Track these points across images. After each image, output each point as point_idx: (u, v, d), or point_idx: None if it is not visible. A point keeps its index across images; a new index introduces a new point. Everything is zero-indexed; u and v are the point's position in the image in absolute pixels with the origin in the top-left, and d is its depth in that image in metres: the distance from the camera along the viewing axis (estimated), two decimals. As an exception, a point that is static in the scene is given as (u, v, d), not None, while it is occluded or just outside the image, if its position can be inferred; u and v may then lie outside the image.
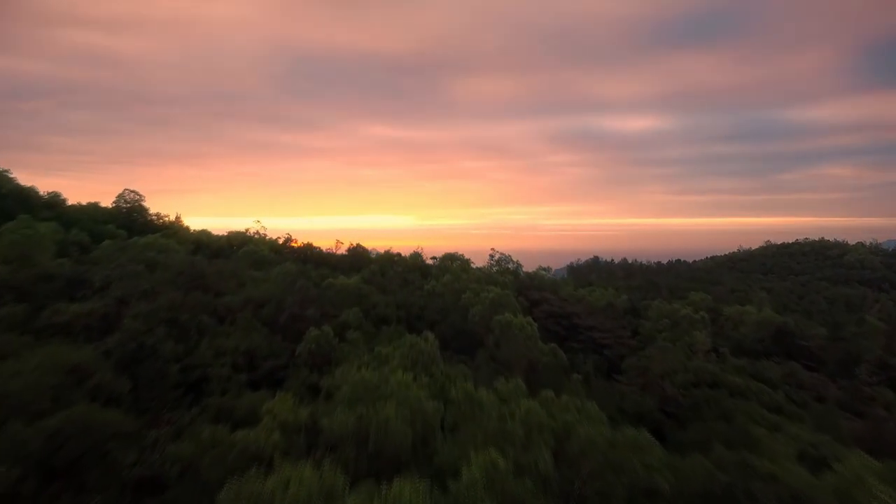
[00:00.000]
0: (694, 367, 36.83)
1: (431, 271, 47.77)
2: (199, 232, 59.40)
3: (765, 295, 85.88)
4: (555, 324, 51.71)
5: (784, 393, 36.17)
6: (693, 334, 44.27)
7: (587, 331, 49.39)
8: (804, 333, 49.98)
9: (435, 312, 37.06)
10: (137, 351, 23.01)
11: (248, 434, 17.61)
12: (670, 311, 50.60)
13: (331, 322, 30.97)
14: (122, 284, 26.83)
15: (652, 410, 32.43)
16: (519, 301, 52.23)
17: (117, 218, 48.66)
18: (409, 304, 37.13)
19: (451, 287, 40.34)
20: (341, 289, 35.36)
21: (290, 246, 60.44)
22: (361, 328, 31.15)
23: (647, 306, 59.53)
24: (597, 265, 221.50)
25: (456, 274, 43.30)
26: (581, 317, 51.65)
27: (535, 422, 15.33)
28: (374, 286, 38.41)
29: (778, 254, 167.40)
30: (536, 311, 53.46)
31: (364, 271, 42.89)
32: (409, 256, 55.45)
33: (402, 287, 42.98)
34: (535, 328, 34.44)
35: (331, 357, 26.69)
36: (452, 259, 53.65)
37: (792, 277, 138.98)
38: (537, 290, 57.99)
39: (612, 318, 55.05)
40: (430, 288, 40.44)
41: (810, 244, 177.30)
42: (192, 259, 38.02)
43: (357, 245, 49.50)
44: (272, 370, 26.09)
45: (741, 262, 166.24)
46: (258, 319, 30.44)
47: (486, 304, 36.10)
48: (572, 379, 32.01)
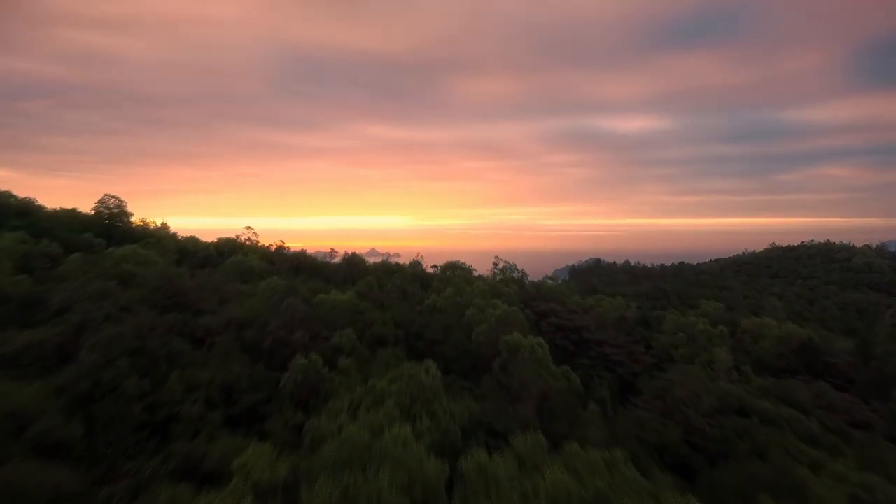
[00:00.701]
0: (718, 389, 33.82)
1: (432, 282, 44.73)
2: (186, 239, 56.33)
3: (777, 302, 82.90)
4: (563, 338, 48.68)
5: (818, 419, 33.20)
6: (713, 351, 41.27)
7: (598, 346, 46.36)
8: (829, 348, 46.96)
9: (436, 331, 34.00)
10: (94, 388, 19.95)
11: (214, 500, 14.62)
12: (686, 325, 47.59)
13: (321, 345, 27.90)
14: (84, 306, 23.75)
15: (676, 442, 29.37)
16: (525, 313, 49.28)
17: (97, 225, 45.52)
18: (408, 322, 34.08)
19: (453, 302, 37.31)
20: (334, 306, 32.29)
21: (282, 253, 57.41)
22: (355, 352, 28.08)
23: (661, 318, 56.57)
24: (599, 268, 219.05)
25: (458, 287, 40.26)
26: (591, 330, 48.60)
27: (562, 497, 12.33)
28: (369, 302, 35.34)
29: (784, 257, 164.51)
30: (544, 324, 50.45)
31: (360, 284, 39.81)
32: (409, 265, 52.42)
33: (400, 301, 39.93)
34: (546, 350, 31.41)
35: (319, 389, 23.61)
36: (454, 268, 50.61)
37: (800, 282, 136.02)
38: (544, 300, 54.98)
39: (624, 331, 52.06)
40: (431, 303, 37.41)
41: (816, 247, 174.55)
42: (171, 273, 34.92)
43: (352, 254, 46.35)
44: (252, 405, 23.00)
45: (746, 265, 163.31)
46: (240, 343, 27.36)
47: (491, 322, 33.06)
48: (589, 409, 28.97)
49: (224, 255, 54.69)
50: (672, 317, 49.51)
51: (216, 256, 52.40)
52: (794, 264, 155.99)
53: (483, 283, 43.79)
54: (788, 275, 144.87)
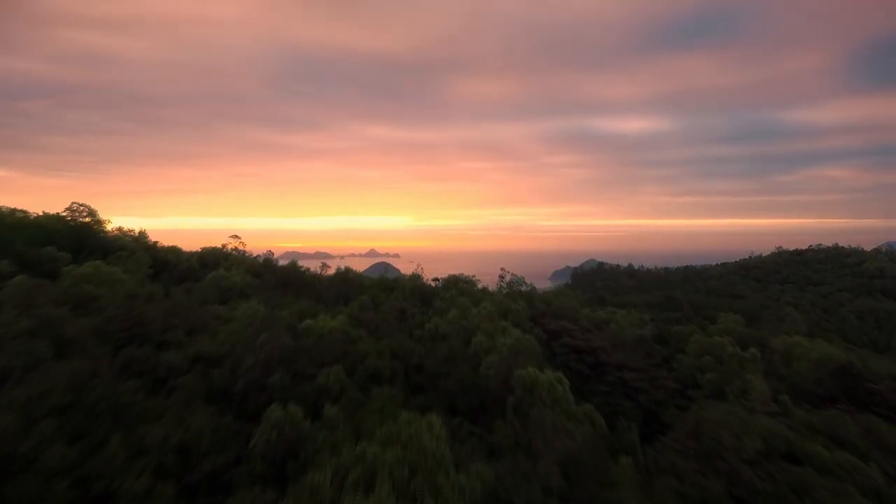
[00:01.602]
0: (761, 428, 29.71)
1: (434, 300, 40.50)
2: (167, 249, 52.04)
3: (796, 314, 78.83)
4: (578, 360, 44.44)
5: (877, 465, 29.12)
6: (746, 378, 37.13)
7: (616, 370, 42.10)
8: (870, 372, 42.72)
9: (439, 362, 29.75)
10: (5, 463, 15.72)
11: None
12: (712, 346, 43.43)
13: (304, 387, 23.64)
14: (11, 348, 19.50)
15: (721, 498, 25.22)
16: (535, 333, 45.08)
17: (64, 237, 41.31)
18: (406, 351, 29.81)
19: (457, 326, 33.08)
20: (322, 335, 28.05)
21: (271, 263, 53.15)
22: (344, 394, 23.81)
23: (680, 335, 52.44)
24: (602, 271, 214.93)
25: (463, 308, 36.01)
26: (608, 352, 44.40)
27: None
28: (363, 327, 31.09)
29: (793, 261, 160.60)
30: (556, 344, 46.24)
31: (353, 304, 35.57)
32: (408, 278, 48.17)
33: (398, 321, 35.71)
34: (567, 386, 27.18)
35: (298, 450, 19.36)
36: (458, 283, 46.38)
37: (811, 288, 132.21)
38: (555, 317, 50.80)
39: (644, 352, 47.91)
40: (433, 326, 33.20)
41: (825, 251, 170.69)
42: (139, 294, 30.68)
43: (346, 269, 42.01)
44: (215, 472, 18.72)
45: (754, 270, 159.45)
46: (207, 385, 23.09)
47: (502, 351, 28.83)
48: (620, 463, 24.75)
49: (207, 267, 50.43)
50: (696, 337, 45.22)
51: (198, 269, 48.11)
52: (804, 269, 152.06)
53: (489, 301, 39.53)
54: (798, 280, 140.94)
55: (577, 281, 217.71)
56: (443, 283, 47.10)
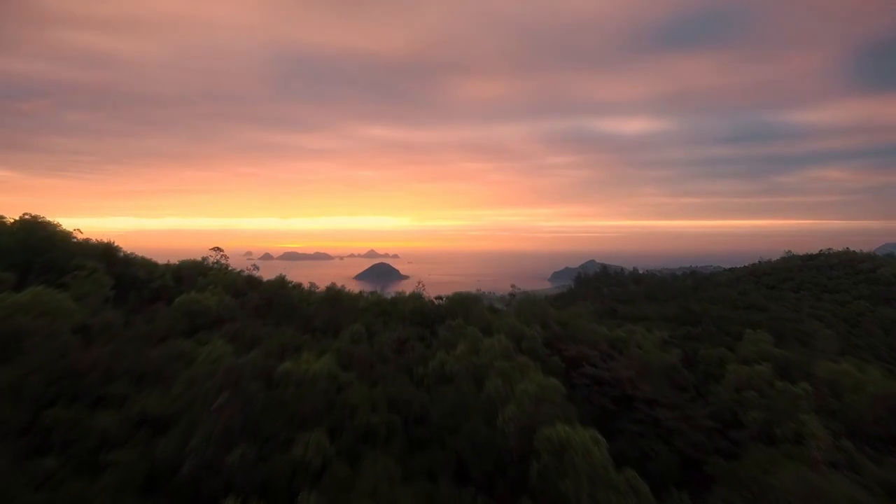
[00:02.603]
0: (838, 496, 24.56)
1: (438, 327, 35.34)
2: (139, 263, 46.79)
3: (822, 328, 73.68)
4: (601, 394, 39.29)
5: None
6: (799, 419, 32.06)
7: (647, 407, 36.87)
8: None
9: (445, 413, 24.53)
10: None
11: None
12: (753, 377, 38.29)
13: (275, 462, 18.44)
14: None
15: None
16: (552, 361, 39.93)
17: (13, 252, 36.00)
18: (406, 399, 24.58)
19: (467, 364, 27.89)
20: (302, 382, 22.88)
21: (254, 280, 47.94)
22: (327, 471, 18.61)
23: (710, 360, 47.31)
24: (606, 276, 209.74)
25: (473, 339, 30.81)
26: (635, 383, 39.21)
27: None
28: (354, 368, 25.90)
29: (804, 267, 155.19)
30: (575, 374, 40.93)
31: (344, 335, 30.36)
32: (409, 298, 42.99)
33: (396, 356, 30.51)
34: (604, 448, 21.99)
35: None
36: (464, 303, 41.19)
37: (826, 295, 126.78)
38: (572, 341, 45.63)
39: (674, 382, 42.77)
40: (438, 365, 28.03)
41: (836, 255, 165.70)
42: (84, 329, 25.51)
43: (338, 290, 36.62)
44: None
45: (765, 276, 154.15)
46: (150, 461, 17.87)
47: (523, 402, 23.67)
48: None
49: (183, 282, 45.21)
50: (733, 366, 40.01)
51: (172, 287, 42.87)
52: (817, 275, 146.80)
53: (502, 332, 34.35)
54: (813, 287, 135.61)
55: (581, 285, 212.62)
56: (448, 302, 41.88)
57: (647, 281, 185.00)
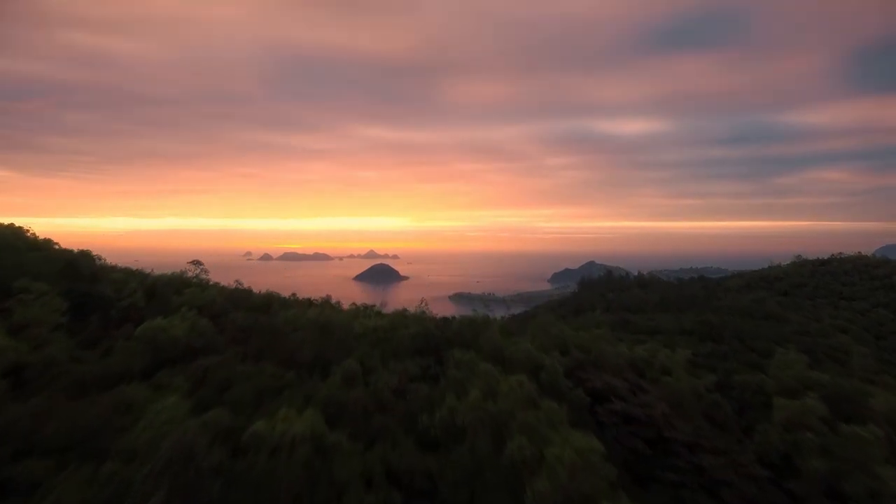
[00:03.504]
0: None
1: (446, 358, 30.41)
2: (110, 276, 41.84)
3: (851, 343, 68.82)
4: (632, 434, 34.26)
5: None
6: (873, 470, 27.19)
7: (688, 451, 31.90)
8: None
9: (458, 483, 19.60)
10: None
11: None
12: (803, 412, 33.40)
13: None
14: None
15: None
16: (574, 395, 35.00)
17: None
18: (407, 468, 19.63)
19: (482, 413, 22.92)
20: (278, 449, 17.95)
21: (242, 291, 42.97)
22: None
23: (747, 387, 42.50)
24: (610, 280, 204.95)
25: (487, 378, 25.83)
26: (671, 421, 34.26)
27: None
28: (345, 425, 20.94)
29: (817, 272, 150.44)
30: (602, 411, 35.86)
31: (334, 377, 25.40)
32: (411, 320, 38.01)
33: (396, 400, 25.56)
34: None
35: None
36: (474, 327, 36.24)
37: (844, 303, 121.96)
38: (594, 367, 40.67)
39: (712, 416, 37.92)
40: (447, 415, 23.08)
41: (850, 260, 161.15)
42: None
43: (329, 313, 31.39)
44: None
45: (777, 282, 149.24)
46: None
47: (557, 474, 18.76)
48: None
49: (156, 299, 40.30)
50: (782, 402, 34.99)
51: (144, 307, 37.94)
52: (831, 281, 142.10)
53: (519, 366, 29.46)
54: (828, 294, 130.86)
55: (584, 289, 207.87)
56: (457, 326, 36.93)
57: (654, 286, 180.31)
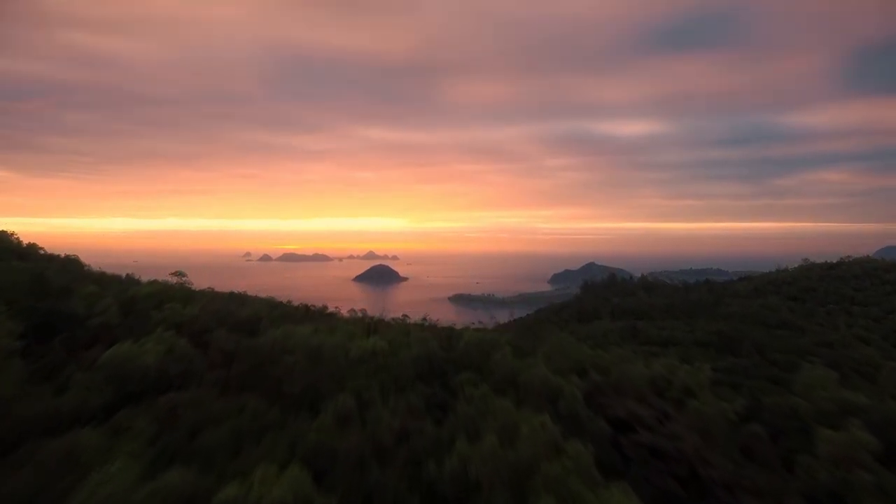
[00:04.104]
0: None
1: (456, 396, 26.87)
2: (83, 288, 38.24)
3: (877, 355, 65.47)
4: (662, 470, 30.82)
5: None
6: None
7: (725, 491, 28.47)
8: None
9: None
10: None
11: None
12: (851, 446, 29.92)
13: None
14: None
15: None
16: (595, 425, 31.48)
17: None
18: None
19: (499, 464, 19.44)
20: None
21: (227, 314, 39.36)
22: None
23: (779, 412, 39.05)
24: (614, 283, 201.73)
25: (504, 416, 22.34)
26: (704, 455, 30.79)
27: None
28: (338, 484, 17.45)
29: (827, 276, 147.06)
30: (626, 443, 32.39)
31: (326, 415, 21.87)
32: (414, 340, 34.45)
33: (397, 445, 22.00)
34: None
35: None
36: (483, 347, 32.78)
37: (856, 309, 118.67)
38: (615, 391, 37.19)
39: (747, 447, 34.50)
40: (457, 465, 19.59)
41: (858, 264, 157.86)
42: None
43: (318, 345, 27.44)
44: None
45: (785, 286, 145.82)
46: None
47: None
48: None
49: (132, 316, 36.74)
50: (827, 434, 31.38)
51: (117, 326, 34.36)
52: (841, 286, 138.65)
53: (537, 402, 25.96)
54: (840, 300, 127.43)
55: (587, 292, 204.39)
56: (464, 347, 33.43)
57: (659, 290, 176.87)
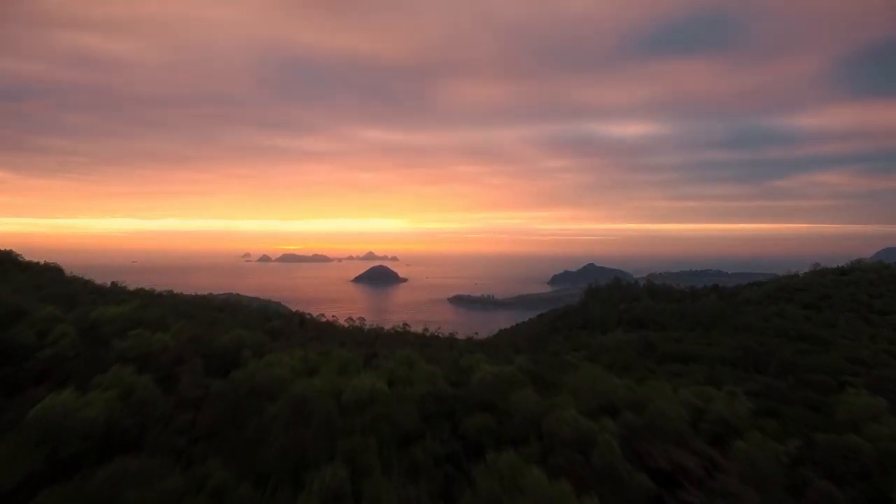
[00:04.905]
0: None
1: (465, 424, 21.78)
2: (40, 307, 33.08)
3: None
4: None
5: None
6: None
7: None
8: None
9: None
10: None
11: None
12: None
13: None
14: None
15: None
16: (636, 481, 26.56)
17: None
18: None
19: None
20: None
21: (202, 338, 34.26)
22: None
23: (833, 450, 34.41)
24: (619, 288, 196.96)
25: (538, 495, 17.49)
26: (766, 520, 26.06)
27: None
28: None
29: (841, 283, 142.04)
30: (671, 501, 27.89)
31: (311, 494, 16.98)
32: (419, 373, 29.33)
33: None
34: None
35: None
36: (501, 388, 27.71)
37: (875, 317, 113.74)
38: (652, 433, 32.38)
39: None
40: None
41: (873, 268, 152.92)
42: None
43: (301, 393, 22.68)
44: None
45: (798, 293, 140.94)
46: None
47: None
48: None
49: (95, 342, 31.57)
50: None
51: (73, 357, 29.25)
52: (857, 292, 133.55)
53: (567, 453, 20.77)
54: (858, 308, 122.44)
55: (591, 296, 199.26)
56: (477, 384, 28.35)
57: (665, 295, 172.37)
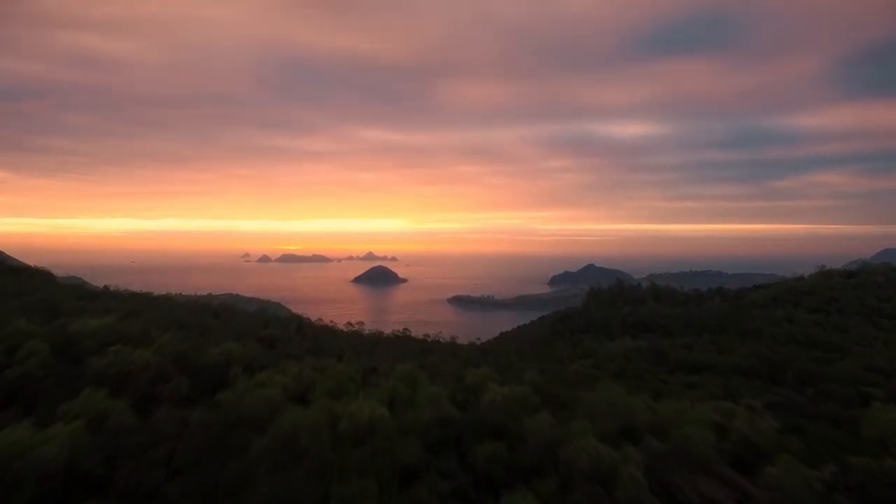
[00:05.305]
0: None
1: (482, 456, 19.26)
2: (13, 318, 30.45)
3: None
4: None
5: None
6: None
7: None
8: None
9: None
10: None
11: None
12: None
13: None
14: None
15: None
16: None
17: None
18: None
19: None
20: None
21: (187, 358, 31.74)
22: None
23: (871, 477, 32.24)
24: (623, 290, 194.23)
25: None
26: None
27: None
28: None
29: (848, 285, 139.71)
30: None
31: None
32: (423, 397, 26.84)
33: None
34: None
35: None
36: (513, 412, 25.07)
37: (885, 322, 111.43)
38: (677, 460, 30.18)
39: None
40: None
41: (881, 271, 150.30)
42: None
43: (292, 426, 20.83)
44: None
45: (805, 297, 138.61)
46: None
47: None
48: None
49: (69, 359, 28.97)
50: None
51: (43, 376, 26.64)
52: (864, 295, 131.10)
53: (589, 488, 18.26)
54: (866, 311, 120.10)
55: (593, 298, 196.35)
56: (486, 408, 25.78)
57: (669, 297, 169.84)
